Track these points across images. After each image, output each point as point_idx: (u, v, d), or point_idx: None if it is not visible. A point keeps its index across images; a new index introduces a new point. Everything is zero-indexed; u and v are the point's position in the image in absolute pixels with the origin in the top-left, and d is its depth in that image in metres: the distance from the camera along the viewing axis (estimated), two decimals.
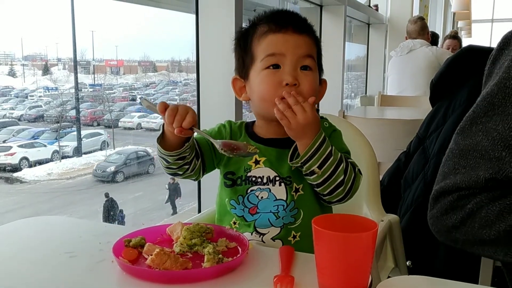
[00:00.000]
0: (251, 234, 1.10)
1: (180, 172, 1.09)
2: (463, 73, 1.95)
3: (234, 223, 1.13)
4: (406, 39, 4.53)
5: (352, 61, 6.27)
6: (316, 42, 1.13)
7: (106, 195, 3.56)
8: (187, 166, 1.08)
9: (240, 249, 0.94)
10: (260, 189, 1.10)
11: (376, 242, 0.78)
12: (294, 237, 1.10)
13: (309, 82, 1.06)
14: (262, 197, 1.10)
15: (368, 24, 6.01)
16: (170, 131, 0.98)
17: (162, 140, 1.03)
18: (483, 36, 15.48)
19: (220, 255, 0.89)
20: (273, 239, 1.10)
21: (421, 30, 4.47)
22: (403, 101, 4.14)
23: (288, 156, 1.07)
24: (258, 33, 1.10)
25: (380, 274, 1.42)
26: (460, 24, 12.32)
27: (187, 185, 4.19)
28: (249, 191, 1.11)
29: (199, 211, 2.28)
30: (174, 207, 4.01)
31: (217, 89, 2.18)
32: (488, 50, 1.97)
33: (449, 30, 10.03)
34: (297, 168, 1.07)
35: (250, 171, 1.11)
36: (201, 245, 0.94)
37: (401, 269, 1.52)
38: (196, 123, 0.97)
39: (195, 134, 1.04)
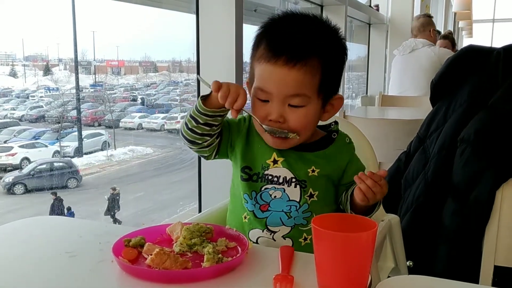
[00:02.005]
0: (263, 231, 1.12)
1: (199, 142, 1.09)
2: (463, 73, 1.95)
3: (245, 217, 1.14)
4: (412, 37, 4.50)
5: (353, 61, 6.26)
6: (323, 63, 1.08)
7: (54, 193, 3.46)
8: (208, 138, 1.09)
9: (239, 249, 0.94)
10: (275, 188, 1.11)
11: (376, 242, 0.78)
12: (305, 239, 1.11)
13: (296, 119, 1.06)
14: (275, 196, 1.11)
15: (369, 24, 6.01)
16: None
17: (205, 100, 1.05)
18: (484, 36, 15.44)
19: (220, 255, 0.89)
20: (284, 237, 1.11)
21: (421, 26, 4.43)
22: (404, 101, 4.13)
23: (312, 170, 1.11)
24: (258, 53, 1.08)
25: (380, 274, 1.42)
26: (461, 24, 12.29)
27: (187, 186, 4.19)
28: (263, 188, 1.12)
29: (200, 211, 2.28)
30: (114, 220, 3.85)
31: None
32: (488, 50, 1.97)
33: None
34: (315, 176, 1.11)
35: (267, 169, 1.12)
36: (200, 245, 0.94)
37: (401, 269, 1.52)
38: (245, 104, 1.01)
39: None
